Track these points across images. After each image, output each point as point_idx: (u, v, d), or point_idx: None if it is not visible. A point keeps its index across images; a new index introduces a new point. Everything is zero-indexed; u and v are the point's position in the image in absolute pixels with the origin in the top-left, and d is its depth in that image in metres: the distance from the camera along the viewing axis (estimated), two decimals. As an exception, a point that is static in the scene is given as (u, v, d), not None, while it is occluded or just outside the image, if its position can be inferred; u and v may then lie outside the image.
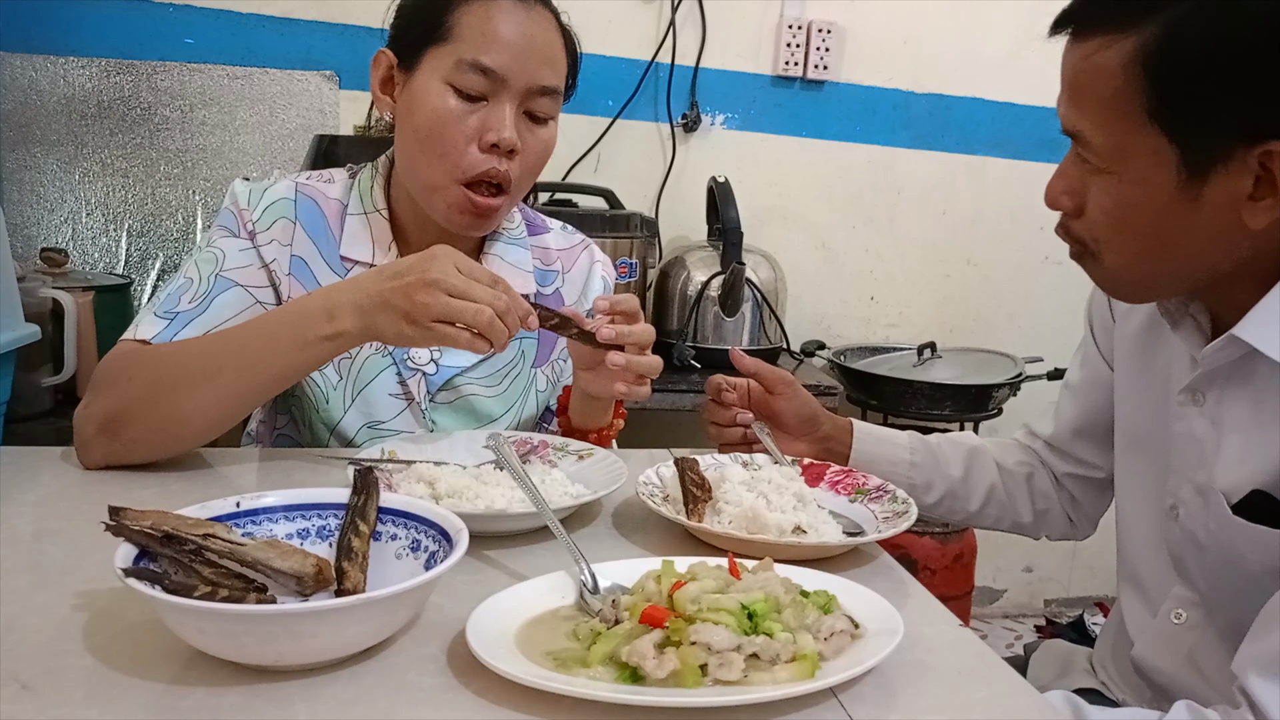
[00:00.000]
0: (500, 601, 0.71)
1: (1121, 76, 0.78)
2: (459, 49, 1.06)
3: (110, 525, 0.68)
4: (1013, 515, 1.20)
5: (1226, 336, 0.85)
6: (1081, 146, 0.84)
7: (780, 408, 1.15)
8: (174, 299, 1.09)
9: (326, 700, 0.62)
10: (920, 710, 0.65)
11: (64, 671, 0.64)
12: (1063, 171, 0.88)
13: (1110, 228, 0.85)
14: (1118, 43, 0.78)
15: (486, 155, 1.07)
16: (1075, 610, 2.84)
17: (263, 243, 1.14)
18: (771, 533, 0.89)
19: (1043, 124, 2.67)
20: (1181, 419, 0.93)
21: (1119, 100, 0.79)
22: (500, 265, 1.22)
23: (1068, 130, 0.85)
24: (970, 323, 2.76)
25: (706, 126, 2.54)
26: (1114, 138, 0.81)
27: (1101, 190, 0.84)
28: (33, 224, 2.26)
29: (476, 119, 1.07)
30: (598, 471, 1.03)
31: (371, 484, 0.80)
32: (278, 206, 1.15)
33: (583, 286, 1.30)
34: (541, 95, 1.09)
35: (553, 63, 1.10)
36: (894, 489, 1.03)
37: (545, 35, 1.09)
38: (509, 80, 1.06)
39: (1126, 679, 1.04)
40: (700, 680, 0.62)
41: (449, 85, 1.06)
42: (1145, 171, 0.80)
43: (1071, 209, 0.88)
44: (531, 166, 1.13)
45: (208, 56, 2.30)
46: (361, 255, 1.16)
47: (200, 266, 1.12)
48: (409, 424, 1.17)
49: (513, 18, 1.06)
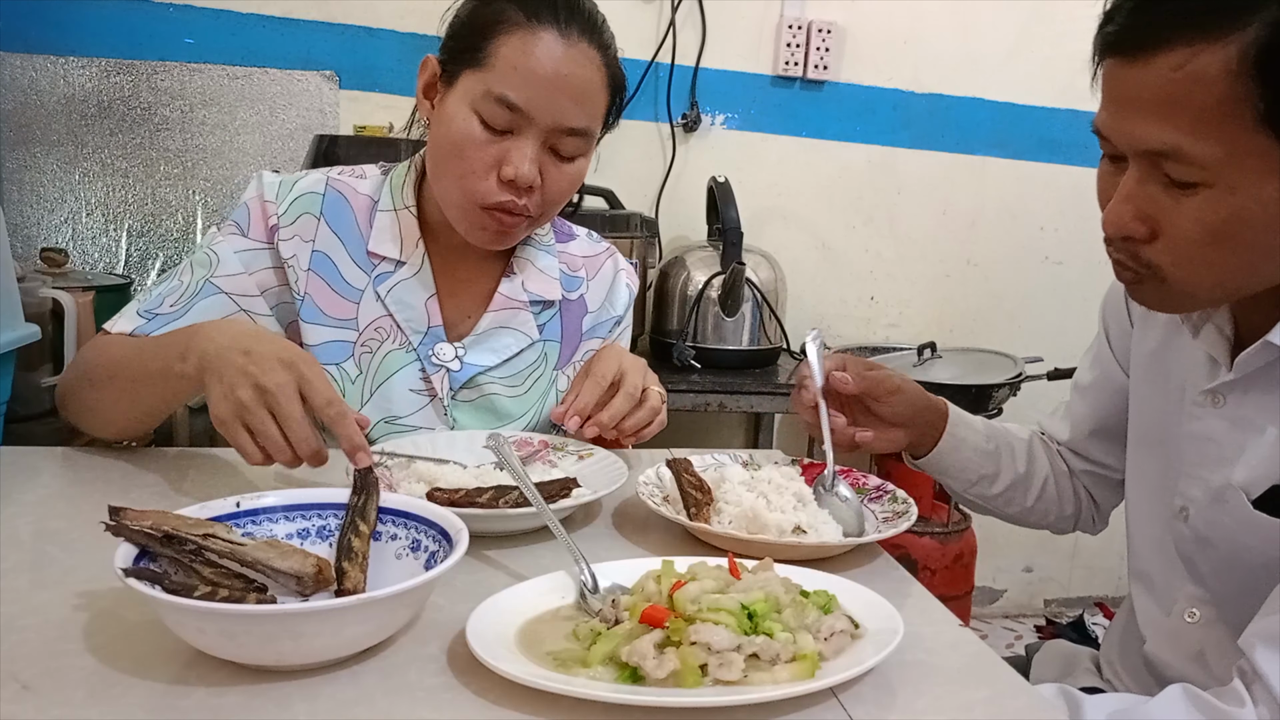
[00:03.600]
0: (500, 601, 0.71)
1: (1226, 82, 0.73)
2: (489, 79, 1.04)
3: (110, 525, 0.68)
4: (1057, 510, 1.20)
5: (1262, 343, 0.85)
6: (1173, 163, 0.78)
7: (883, 413, 1.10)
8: (159, 300, 1.11)
9: (326, 700, 0.62)
10: (920, 710, 0.65)
11: (64, 671, 0.64)
12: (1129, 195, 0.81)
13: (1205, 246, 0.79)
14: (1215, 48, 0.73)
15: (503, 187, 1.07)
16: (1075, 610, 2.84)
17: (284, 238, 1.14)
18: (771, 533, 0.89)
19: (1043, 124, 2.68)
20: (1197, 420, 0.92)
21: (1224, 107, 0.73)
22: (530, 271, 1.23)
23: (1151, 149, 0.78)
24: (970, 323, 2.76)
25: (706, 126, 2.54)
26: (1220, 148, 0.75)
27: (1198, 208, 0.78)
28: (33, 224, 2.26)
29: (497, 150, 1.06)
30: (598, 471, 1.03)
31: (371, 484, 0.80)
32: (304, 200, 1.16)
33: (606, 293, 1.30)
34: (568, 135, 1.07)
35: (585, 103, 1.07)
36: (893, 489, 1.03)
37: (582, 74, 1.06)
38: (534, 118, 1.04)
39: (1136, 677, 1.04)
40: (700, 680, 0.62)
41: (475, 113, 1.05)
42: (1256, 179, 0.75)
43: (1145, 234, 0.82)
44: (554, 199, 1.11)
45: (208, 56, 2.30)
46: (388, 251, 1.16)
47: (194, 269, 1.13)
48: (428, 420, 1.17)
49: (550, 54, 1.03)
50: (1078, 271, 2.73)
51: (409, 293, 1.17)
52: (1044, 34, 2.60)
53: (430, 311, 1.17)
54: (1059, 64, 2.59)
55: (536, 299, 1.23)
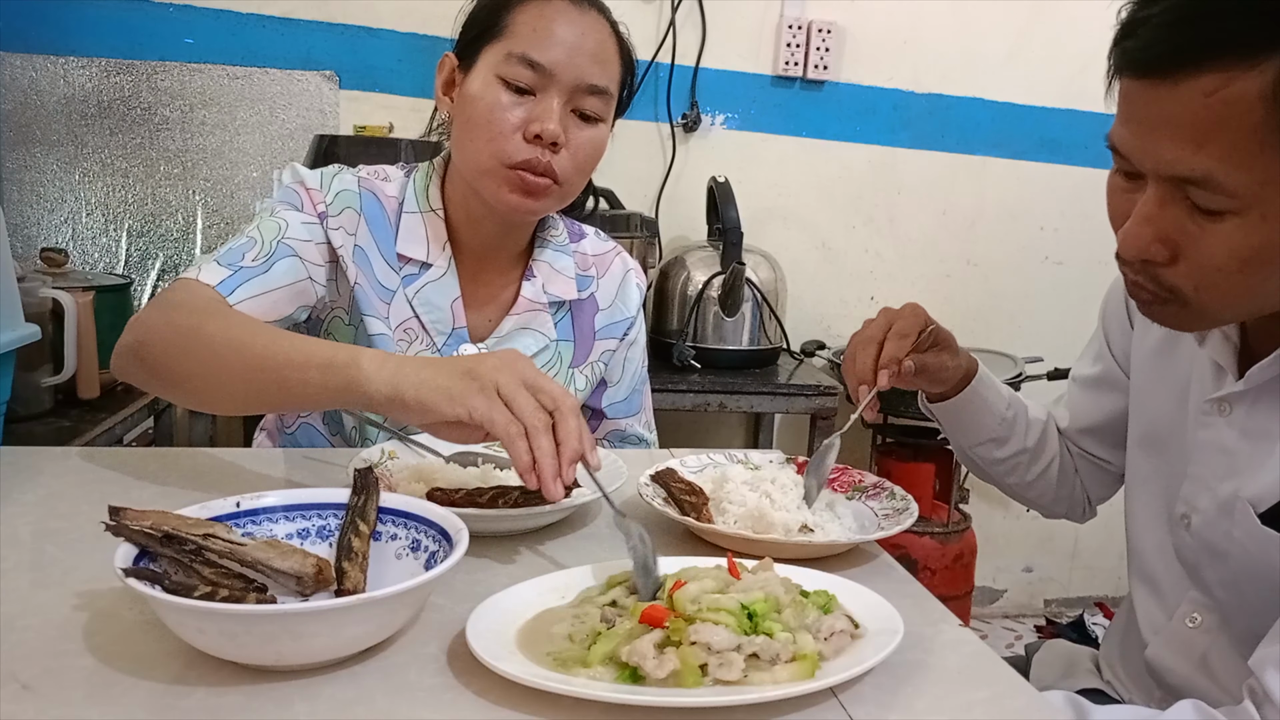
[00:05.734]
0: (500, 601, 0.71)
1: (1263, 108, 0.70)
2: (510, 44, 1.09)
3: (110, 525, 0.68)
4: (1053, 493, 1.20)
5: (1275, 356, 0.84)
6: (1201, 191, 0.75)
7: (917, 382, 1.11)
8: (238, 254, 1.08)
9: (326, 700, 0.62)
10: (920, 710, 0.65)
11: (64, 671, 0.64)
12: (1149, 218, 0.78)
13: (1232, 274, 0.77)
14: (1251, 74, 0.70)
15: (530, 145, 1.09)
16: (1075, 610, 2.84)
17: (332, 227, 1.15)
18: (778, 532, 0.89)
19: (1042, 124, 2.68)
20: (1207, 428, 0.92)
21: (1259, 135, 0.71)
22: (549, 273, 1.24)
23: (1179, 175, 0.75)
24: (970, 323, 2.75)
25: (706, 126, 2.54)
26: (1255, 174, 0.72)
27: (1228, 236, 0.75)
28: (33, 224, 2.26)
29: (523, 111, 1.09)
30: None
31: (371, 484, 0.80)
32: (346, 196, 1.16)
33: (617, 292, 1.31)
34: (590, 94, 1.11)
35: (603, 63, 1.12)
36: (891, 486, 1.03)
37: (597, 36, 1.11)
38: (556, 75, 1.08)
39: (1136, 679, 1.04)
40: (700, 680, 0.62)
41: (499, 78, 1.09)
42: None
43: (1166, 258, 0.79)
44: (581, 164, 1.14)
45: (208, 56, 2.30)
46: (416, 253, 1.17)
47: (263, 230, 1.11)
48: None
49: (565, 17, 1.09)
50: (1078, 271, 2.72)
51: (436, 294, 1.17)
52: (1044, 34, 2.60)
53: (455, 313, 1.18)
54: (1059, 64, 2.60)
55: (555, 300, 1.24)
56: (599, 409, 1.32)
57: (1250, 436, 0.88)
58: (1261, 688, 0.76)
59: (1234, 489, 0.88)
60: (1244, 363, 0.89)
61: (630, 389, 1.34)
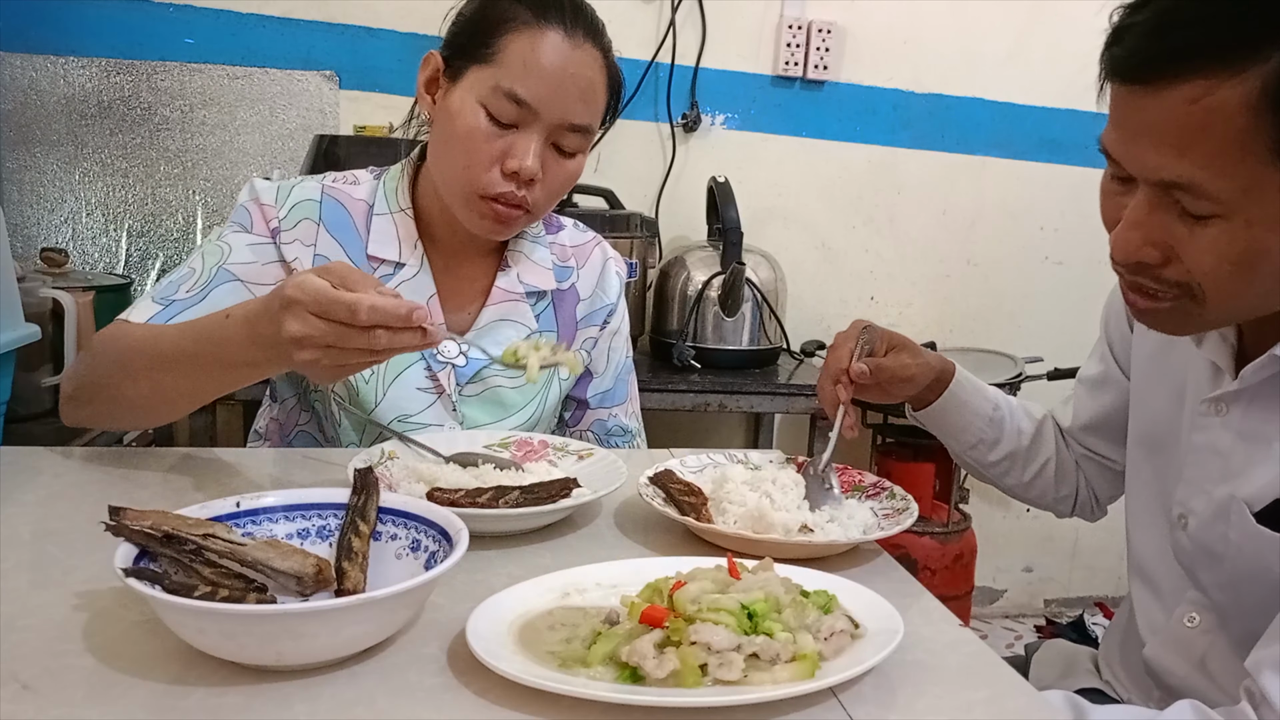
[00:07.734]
0: (500, 601, 0.71)
1: (1246, 116, 0.70)
2: (498, 74, 1.07)
3: (110, 525, 0.68)
4: (1054, 492, 1.21)
5: (1269, 355, 0.84)
6: (1187, 195, 0.75)
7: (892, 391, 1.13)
8: (173, 287, 1.11)
9: (326, 700, 0.62)
10: (920, 710, 0.65)
11: (64, 671, 0.64)
12: (1137, 223, 0.79)
13: (1224, 275, 0.77)
14: (1234, 81, 0.70)
15: (506, 179, 1.09)
16: (1075, 610, 2.84)
17: (285, 241, 1.15)
18: (778, 532, 0.89)
19: (1042, 124, 2.68)
20: (1202, 430, 0.92)
21: (1243, 141, 0.71)
22: (525, 263, 1.25)
23: (1164, 180, 0.76)
24: (970, 323, 2.76)
25: (706, 126, 2.54)
26: (1237, 181, 0.73)
27: (1214, 239, 0.76)
28: (33, 224, 2.26)
29: (503, 144, 1.08)
30: (598, 471, 1.03)
31: (371, 484, 0.80)
32: (303, 207, 1.17)
33: (597, 282, 1.31)
34: (571, 131, 1.10)
35: (588, 100, 1.11)
36: (891, 485, 1.03)
37: (586, 73, 1.10)
38: (540, 113, 1.07)
39: (1135, 679, 1.04)
40: (700, 680, 0.62)
41: (483, 107, 1.08)
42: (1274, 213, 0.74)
43: (1158, 259, 0.80)
44: (554, 193, 1.15)
45: (208, 56, 2.30)
46: (388, 254, 1.17)
47: (205, 258, 1.13)
48: (439, 416, 1.19)
49: (556, 52, 1.07)
50: (1078, 271, 2.73)
51: (411, 293, 1.17)
52: (1044, 34, 2.60)
53: (433, 310, 1.18)
54: (1059, 64, 2.60)
55: (532, 290, 1.25)
56: (583, 399, 1.32)
57: (1245, 437, 0.88)
58: (1258, 689, 0.76)
59: (1229, 491, 0.88)
60: (1240, 363, 0.89)
61: (615, 378, 1.34)
